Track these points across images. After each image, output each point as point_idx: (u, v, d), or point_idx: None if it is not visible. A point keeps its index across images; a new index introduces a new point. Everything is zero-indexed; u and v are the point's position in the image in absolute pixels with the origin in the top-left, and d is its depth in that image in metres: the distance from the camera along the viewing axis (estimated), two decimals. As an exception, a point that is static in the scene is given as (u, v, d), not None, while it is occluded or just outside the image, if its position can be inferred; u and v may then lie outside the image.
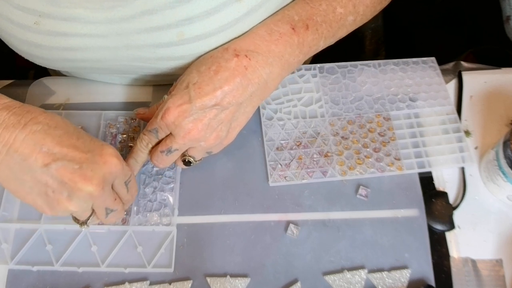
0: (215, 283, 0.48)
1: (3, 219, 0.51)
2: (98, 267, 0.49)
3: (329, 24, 0.49)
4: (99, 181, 0.40)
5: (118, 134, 0.55)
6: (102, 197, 0.41)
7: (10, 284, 0.48)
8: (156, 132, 0.46)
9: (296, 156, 0.54)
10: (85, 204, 0.41)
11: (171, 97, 0.44)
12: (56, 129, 0.41)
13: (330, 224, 0.51)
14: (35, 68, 0.91)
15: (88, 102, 0.58)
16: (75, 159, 0.39)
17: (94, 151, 0.41)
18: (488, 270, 0.49)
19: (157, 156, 0.48)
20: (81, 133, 0.42)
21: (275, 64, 0.46)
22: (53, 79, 0.60)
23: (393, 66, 0.60)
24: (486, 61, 0.62)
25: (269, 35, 0.46)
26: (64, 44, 0.45)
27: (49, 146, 0.39)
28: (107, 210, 0.44)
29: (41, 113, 0.41)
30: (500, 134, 0.52)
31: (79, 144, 0.41)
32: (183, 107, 0.43)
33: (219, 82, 0.43)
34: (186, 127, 0.44)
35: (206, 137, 0.45)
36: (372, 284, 0.48)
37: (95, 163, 0.40)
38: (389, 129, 0.56)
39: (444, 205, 0.52)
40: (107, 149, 0.41)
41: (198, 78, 0.44)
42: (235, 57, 0.44)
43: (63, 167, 0.39)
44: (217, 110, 0.44)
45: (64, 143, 0.40)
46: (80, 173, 0.39)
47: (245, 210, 0.52)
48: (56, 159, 0.39)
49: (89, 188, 0.39)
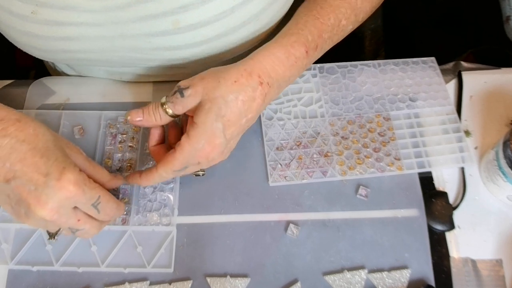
0: (215, 283, 0.48)
1: (3, 219, 0.51)
2: (98, 267, 0.49)
3: (331, 39, 0.50)
4: (52, 207, 0.39)
5: (118, 134, 0.55)
6: (58, 221, 0.40)
7: (10, 284, 0.48)
8: (185, 168, 0.46)
9: (296, 156, 0.54)
10: (42, 224, 0.41)
11: (202, 135, 0.43)
12: (23, 143, 0.40)
13: (330, 224, 0.51)
14: (35, 68, 0.91)
15: (88, 102, 0.58)
16: (32, 180, 0.39)
17: (52, 174, 0.39)
18: (488, 270, 0.49)
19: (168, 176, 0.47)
20: (48, 150, 0.41)
21: (283, 87, 0.48)
22: (53, 79, 0.60)
23: (393, 66, 0.60)
24: (486, 61, 0.62)
25: (287, 59, 0.46)
26: (61, 34, 0.46)
27: (11, 162, 0.39)
28: (72, 229, 0.43)
29: (13, 123, 0.41)
30: (500, 134, 0.52)
31: (41, 164, 0.39)
32: (216, 143, 0.44)
33: (245, 112, 0.44)
34: (217, 159, 0.46)
35: (226, 157, 0.48)
36: (372, 284, 0.48)
37: (51, 188, 0.39)
38: (389, 129, 0.56)
39: (444, 205, 0.52)
40: (66, 174, 0.40)
41: (225, 109, 0.43)
42: (259, 86, 0.44)
43: (21, 186, 0.39)
44: (238, 136, 0.47)
45: (26, 162, 0.39)
46: (35, 196, 0.39)
47: (245, 210, 0.52)
48: (16, 177, 0.39)
49: (41, 212, 0.39)
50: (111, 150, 0.55)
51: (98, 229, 0.45)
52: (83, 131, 0.56)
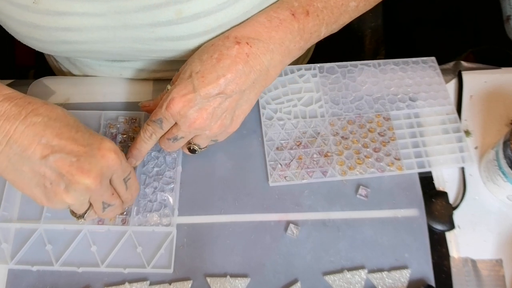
0: (215, 283, 0.48)
1: (3, 219, 0.51)
2: (97, 267, 0.49)
3: (330, 10, 0.49)
4: (96, 174, 0.40)
5: (118, 134, 0.55)
6: (99, 191, 0.41)
7: (10, 284, 0.48)
8: (160, 123, 0.46)
9: (296, 156, 0.54)
10: (82, 197, 0.41)
11: (175, 87, 0.45)
12: (56, 121, 0.41)
13: (330, 224, 0.51)
14: (35, 68, 0.91)
15: (88, 102, 0.58)
16: (73, 152, 0.40)
17: (93, 144, 0.41)
18: (488, 270, 0.49)
19: (164, 143, 0.49)
20: (80, 126, 0.43)
21: (276, 50, 0.46)
22: (53, 79, 0.60)
23: (393, 66, 0.60)
24: (486, 61, 0.62)
25: (269, 22, 0.46)
26: (62, 24, 0.45)
27: (48, 138, 0.40)
28: (104, 205, 0.44)
29: (42, 105, 0.42)
30: (500, 134, 0.52)
31: (78, 137, 0.41)
32: (187, 96, 0.44)
33: (222, 70, 0.44)
34: (191, 116, 0.44)
35: (211, 126, 0.46)
36: (372, 284, 0.48)
37: (93, 157, 0.40)
38: (389, 129, 0.56)
39: (444, 205, 0.52)
40: (106, 143, 0.42)
41: (200, 67, 0.44)
42: (236, 45, 0.44)
43: (61, 159, 0.39)
44: (221, 98, 0.45)
45: (63, 136, 0.40)
46: (78, 166, 0.39)
47: (245, 210, 0.52)
48: (55, 151, 0.39)
49: (86, 181, 0.40)
50: (111, 150, 0.54)
51: (120, 209, 0.47)
52: (83, 131, 0.56)
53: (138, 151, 0.49)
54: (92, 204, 0.44)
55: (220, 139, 0.50)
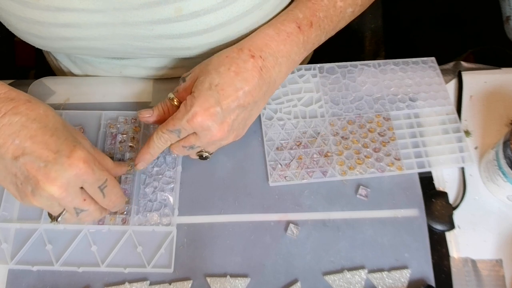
0: (215, 283, 0.48)
1: (3, 219, 0.51)
2: (98, 267, 0.49)
3: (330, 18, 0.50)
4: (61, 183, 0.40)
5: (118, 134, 0.55)
6: (65, 199, 0.41)
7: (10, 284, 0.48)
8: (179, 133, 0.46)
9: (296, 156, 0.54)
10: (49, 202, 0.41)
11: (195, 99, 0.44)
12: (34, 122, 0.41)
13: (330, 224, 0.51)
14: (35, 68, 0.91)
15: (88, 102, 0.58)
16: (42, 157, 0.40)
17: (63, 151, 0.40)
18: (488, 270, 0.49)
19: (178, 149, 0.49)
20: (58, 130, 0.42)
21: (283, 63, 0.48)
22: (53, 79, 0.60)
23: (393, 66, 0.60)
24: (486, 61, 0.62)
25: (278, 35, 0.47)
26: (62, 20, 0.45)
27: (21, 139, 0.40)
28: (77, 210, 0.43)
29: (24, 102, 0.42)
30: (500, 134, 0.52)
31: (51, 142, 0.41)
32: (211, 110, 0.44)
33: (240, 83, 0.44)
34: (213, 129, 0.45)
35: (228, 137, 0.47)
36: (372, 284, 0.48)
37: (60, 164, 0.40)
38: (389, 129, 0.56)
39: (444, 205, 0.52)
40: (77, 151, 0.41)
41: (219, 79, 0.44)
42: (251, 58, 0.45)
43: (30, 163, 0.39)
44: (239, 110, 0.46)
45: (36, 139, 0.40)
46: (44, 172, 0.39)
47: (245, 210, 0.52)
48: (25, 153, 0.40)
49: (50, 188, 0.39)
50: (111, 150, 0.55)
51: (101, 213, 0.46)
52: (83, 131, 0.56)
53: (150, 156, 0.49)
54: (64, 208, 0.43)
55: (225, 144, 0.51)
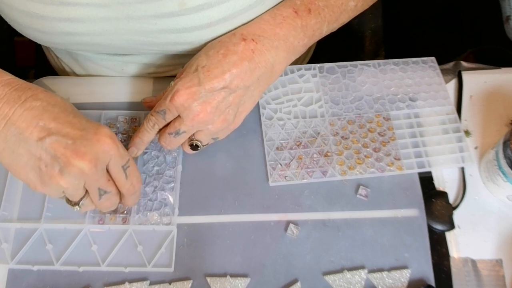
0: (215, 283, 0.48)
1: (3, 218, 0.51)
2: (98, 267, 0.49)
3: (331, 9, 0.50)
4: (91, 158, 0.40)
5: (118, 133, 0.55)
6: (94, 175, 0.41)
7: (10, 283, 0.48)
8: (164, 114, 0.46)
9: (296, 156, 0.54)
10: (76, 181, 0.41)
11: (180, 80, 0.45)
12: (54, 106, 0.42)
13: (330, 224, 0.51)
14: (35, 68, 0.91)
15: (88, 102, 0.58)
16: (69, 135, 0.40)
17: (89, 129, 0.41)
18: (488, 270, 0.49)
19: (165, 138, 0.49)
20: (78, 113, 0.43)
21: (280, 47, 0.47)
22: (53, 79, 0.60)
23: (393, 66, 0.60)
24: (486, 61, 0.62)
25: (273, 19, 0.47)
26: (65, 15, 0.45)
27: (45, 121, 0.40)
28: (100, 191, 0.43)
29: (41, 91, 0.43)
30: (500, 134, 0.52)
31: (75, 122, 0.41)
32: (192, 89, 0.44)
33: (227, 65, 0.44)
34: (195, 109, 0.45)
35: (214, 120, 0.46)
36: (372, 284, 0.48)
37: (89, 140, 0.40)
38: (389, 129, 0.56)
39: (444, 205, 0.52)
40: (103, 129, 0.42)
41: (206, 61, 0.45)
42: (242, 41, 0.45)
43: (57, 142, 0.40)
44: (225, 93, 0.45)
45: (60, 120, 0.41)
46: (73, 148, 0.40)
47: (245, 210, 0.52)
48: (51, 133, 0.40)
49: (81, 163, 0.40)
50: (111, 150, 0.55)
51: (117, 199, 0.46)
52: (83, 131, 0.56)
53: (140, 140, 0.50)
54: (88, 190, 0.43)
55: (221, 137, 0.50)
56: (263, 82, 0.48)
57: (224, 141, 0.52)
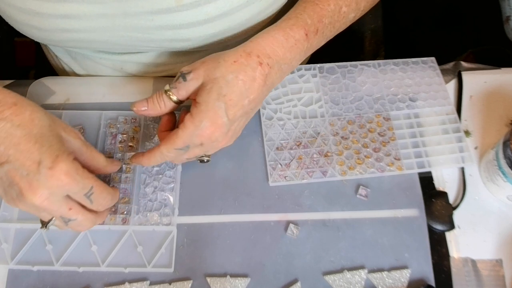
0: (215, 283, 0.48)
1: (3, 219, 0.51)
2: (98, 267, 0.49)
3: (333, 24, 0.50)
4: (43, 193, 0.39)
5: (118, 134, 0.55)
6: (49, 207, 0.40)
7: (10, 284, 0.48)
8: (187, 149, 0.46)
9: (296, 156, 0.54)
10: (34, 209, 0.41)
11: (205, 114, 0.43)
12: (18, 128, 0.40)
13: (330, 224, 0.51)
14: (35, 68, 0.92)
15: (88, 102, 0.58)
16: (25, 166, 0.39)
17: (45, 162, 0.39)
18: (488, 270, 0.49)
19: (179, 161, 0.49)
20: (43, 136, 0.41)
21: (285, 70, 0.48)
22: (53, 79, 0.60)
23: (393, 66, 0.60)
24: (486, 61, 0.62)
25: (286, 41, 0.47)
26: (62, 11, 0.45)
27: (5, 146, 0.39)
28: (64, 219, 0.43)
29: (10, 106, 0.41)
30: (500, 134, 0.52)
31: (34, 150, 0.40)
32: (219, 122, 0.44)
33: (246, 93, 0.44)
34: (221, 140, 0.46)
35: (230, 142, 0.48)
36: (372, 284, 0.48)
37: (42, 175, 0.39)
38: (389, 129, 0.56)
39: (444, 205, 0.52)
40: (59, 164, 0.40)
41: (227, 89, 0.44)
42: (259, 66, 0.45)
43: (14, 170, 0.39)
44: (242, 117, 0.46)
45: (19, 147, 0.39)
46: (27, 181, 0.39)
47: (245, 210, 0.52)
48: (9, 161, 0.39)
49: (32, 198, 0.39)
50: (111, 150, 0.55)
51: (92, 222, 0.45)
52: (83, 131, 0.56)
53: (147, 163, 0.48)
54: None
55: None
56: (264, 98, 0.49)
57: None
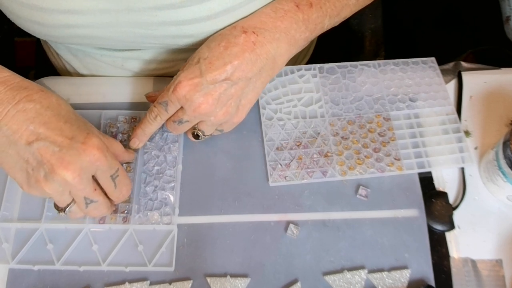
0: (215, 283, 0.48)
1: (3, 218, 0.51)
2: (99, 266, 0.49)
3: (332, 3, 0.50)
4: (75, 168, 0.40)
5: (118, 133, 0.55)
6: (78, 185, 0.41)
7: (11, 283, 0.48)
8: (166, 105, 0.47)
9: (296, 156, 0.54)
10: (60, 188, 0.41)
11: (182, 71, 0.46)
12: (47, 109, 0.42)
13: (330, 224, 0.51)
14: (35, 68, 0.91)
15: (88, 102, 0.58)
16: (57, 142, 0.40)
17: (78, 137, 0.41)
18: (488, 270, 0.49)
19: (170, 125, 0.50)
20: (71, 117, 0.43)
21: (282, 39, 0.47)
22: (53, 79, 0.60)
23: (393, 66, 0.60)
24: (486, 61, 0.62)
25: (274, 13, 0.47)
26: (64, 6, 0.46)
27: (35, 125, 0.40)
28: (86, 200, 0.43)
29: (37, 91, 0.42)
30: (500, 134, 0.52)
31: (65, 128, 0.41)
32: (194, 80, 0.44)
33: (229, 57, 0.45)
34: (196, 101, 0.45)
35: (216, 112, 0.47)
36: (372, 284, 0.48)
37: (75, 149, 0.40)
38: (389, 129, 0.56)
39: (444, 205, 0.52)
40: (91, 138, 0.42)
41: (208, 53, 0.45)
42: (243, 33, 0.46)
43: (44, 148, 0.40)
44: (227, 84, 0.45)
45: (50, 125, 0.41)
46: (59, 157, 0.40)
47: (245, 210, 0.52)
48: (39, 138, 0.40)
49: (64, 173, 0.40)
50: (111, 150, 0.55)
51: (108, 208, 0.46)
52: (84, 131, 0.56)
53: (142, 131, 0.50)
54: (74, 198, 0.44)
55: (226, 129, 0.51)
56: (265, 74, 0.48)
57: (224, 141, 0.52)
